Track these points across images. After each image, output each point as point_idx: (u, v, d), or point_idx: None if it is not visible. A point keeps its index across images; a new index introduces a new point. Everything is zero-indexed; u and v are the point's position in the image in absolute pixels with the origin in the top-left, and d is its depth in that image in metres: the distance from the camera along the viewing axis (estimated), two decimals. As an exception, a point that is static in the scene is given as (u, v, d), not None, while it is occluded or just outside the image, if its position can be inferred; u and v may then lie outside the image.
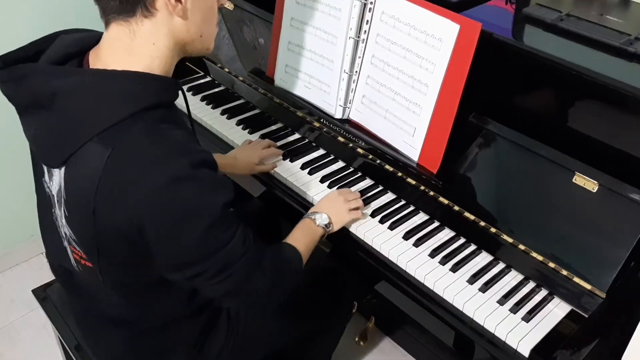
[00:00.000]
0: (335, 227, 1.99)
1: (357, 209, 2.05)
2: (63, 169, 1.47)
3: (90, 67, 1.51)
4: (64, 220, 1.56)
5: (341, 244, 2.08)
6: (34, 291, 2.24)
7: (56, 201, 1.55)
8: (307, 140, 2.44)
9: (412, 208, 2.13)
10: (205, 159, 1.47)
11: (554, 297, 1.83)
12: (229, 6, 2.63)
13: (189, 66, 2.90)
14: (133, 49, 1.47)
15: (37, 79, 1.45)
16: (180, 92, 1.62)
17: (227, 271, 1.54)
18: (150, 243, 1.44)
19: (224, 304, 1.72)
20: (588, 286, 1.75)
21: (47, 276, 2.82)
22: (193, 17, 1.51)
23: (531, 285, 1.86)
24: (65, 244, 1.63)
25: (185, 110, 1.80)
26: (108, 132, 1.40)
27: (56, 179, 1.51)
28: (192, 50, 1.59)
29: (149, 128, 1.42)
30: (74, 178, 1.46)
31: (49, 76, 1.44)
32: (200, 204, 1.43)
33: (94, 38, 1.56)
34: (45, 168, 1.56)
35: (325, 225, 1.95)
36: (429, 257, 1.94)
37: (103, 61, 1.49)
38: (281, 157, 2.34)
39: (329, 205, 2.01)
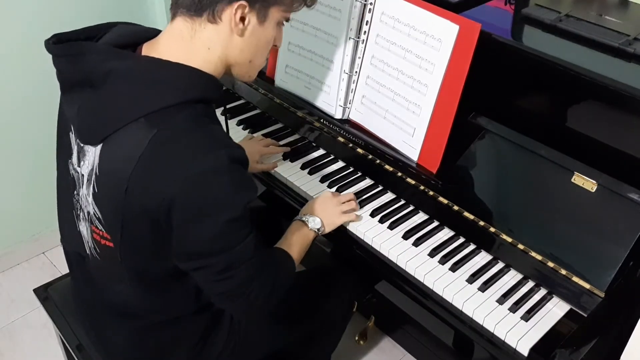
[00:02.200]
0: (327, 229, 2.00)
1: (350, 209, 2.06)
2: (100, 146, 1.51)
3: (144, 55, 1.58)
4: (90, 199, 1.59)
5: (341, 243, 2.08)
6: (35, 291, 2.24)
7: (85, 180, 1.58)
8: (307, 141, 2.44)
9: (411, 208, 2.13)
10: (242, 156, 1.52)
11: (553, 297, 1.83)
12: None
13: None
14: (190, 47, 1.55)
15: (95, 57, 1.51)
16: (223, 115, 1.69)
17: (232, 270, 1.56)
18: (174, 226, 1.48)
19: (220, 304, 1.73)
20: (587, 285, 1.75)
21: (48, 276, 2.85)
22: (249, 40, 1.60)
23: (530, 284, 1.86)
24: (85, 226, 1.66)
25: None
26: (155, 115, 1.46)
27: (89, 158, 1.55)
28: (237, 72, 1.67)
29: (193, 117, 1.49)
30: (111, 155, 1.50)
31: (106, 56, 1.51)
32: (229, 198, 1.48)
33: (150, 33, 1.64)
34: (75, 148, 1.61)
35: (317, 229, 1.96)
36: (429, 257, 1.95)
37: (160, 52, 1.56)
38: (281, 157, 2.35)
39: (321, 207, 2.02)
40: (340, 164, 2.33)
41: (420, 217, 2.10)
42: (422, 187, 2.07)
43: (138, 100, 1.48)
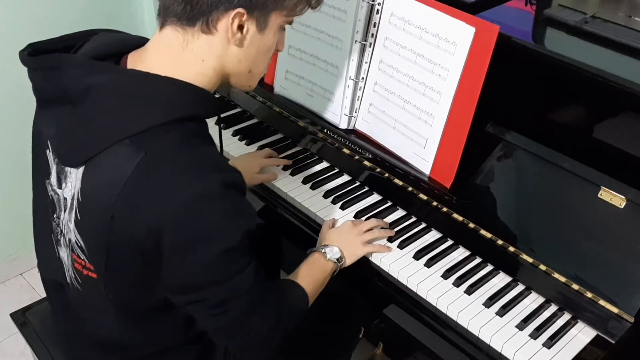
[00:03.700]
0: (348, 261, 1.97)
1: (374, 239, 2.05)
2: (82, 169, 1.49)
3: (129, 68, 1.54)
4: (71, 226, 1.57)
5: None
6: (13, 315, 2.23)
7: (68, 204, 1.56)
8: (309, 153, 2.44)
9: (423, 225, 2.12)
10: (237, 180, 1.51)
11: (577, 322, 1.82)
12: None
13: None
14: (182, 58, 1.52)
15: (73, 71, 1.49)
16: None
17: (228, 304, 1.55)
18: (164, 257, 1.46)
19: (218, 340, 1.73)
20: (615, 310, 1.74)
21: (27, 299, 2.83)
22: (248, 50, 1.56)
23: (553, 308, 1.86)
24: (66, 252, 1.64)
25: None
26: (141, 136, 1.43)
27: (71, 181, 1.52)
28: (235, 83, 1.64)
29: (184, 138, 1.46)
30: (94, 180, 1.48)
31: (86, 70, 1.49)
32: (223, 226, 1.46)
33: (136, 41, 1.61)
34: (54, 169, 1.58)
35: (337, 259, 1.94)
36: (442, 279, 1.94)
37: (147, 64, 1.52)
38: (281, 169, 2.35)
39: (341, 237, 2.00)
40: (345, 177, 2.33)
41: (433, 235, 2.10)
42: (434, 203, 2.07)
43: (123, 119, 1.46)
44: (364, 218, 2.14)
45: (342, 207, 2.19)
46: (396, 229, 2.10)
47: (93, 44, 1.59)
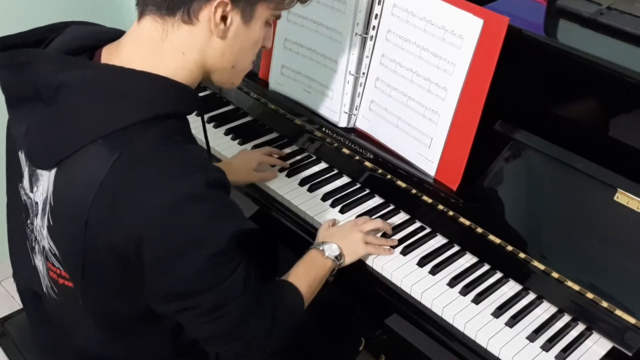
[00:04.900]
0: (347, 259, 1.96)
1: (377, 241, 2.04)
2: (54, 171, 1.48)
3: (103, 62, 1.53)
4: (44, 232, 1.56)
5: (346, 272, 2.05)
6: (-10, 326, 2.23)
7: (40, 209, 1.55)
8: (306, 153, 2.43)
9: (428, 230, 2.12)
10: (222, 179, 1.50)
11: (592, 333, 1.82)
12: None
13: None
14: (161, 51, 1.51)
15: (43, 67, 1.48)
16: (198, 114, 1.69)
17: (221, 310, 1.54)
18: (145, 266, 1.45)
19: (211, 347, 1.72)
20: (632, 320, 1.74)
21: (5, 308, 2.81)
22: (232, 42, 1.56)
23: (566, 318, 1.86)
24: (41, 260, 1.64)
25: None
26: (116, 135, 1.42)
27: (43, 184, 1.52)
28: (217, 79, 1.64)
29: (164, 137, 1.46)
30: (67, 183, 1.47)
31: (57, 66, 1.47)
32: (209, 229, 1.46)
33: (112, 34, 1.60)
34: (26, 171, 1.58)
35: (336, 257, 1.93)
36: (448, 287, 1.94)
37: (122, 58, 1.52)
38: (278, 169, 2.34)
39: (341, 234, 2.00)
40: (345, 179, 2.33)
41: (438, 240, 2.10)
42: (440, 207, 2.07)
43: (96, 117, 1.45)
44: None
45: (342, 211, 2.18)
46: (399, 234, 2.10)
47: (65, 37, 1.58)
